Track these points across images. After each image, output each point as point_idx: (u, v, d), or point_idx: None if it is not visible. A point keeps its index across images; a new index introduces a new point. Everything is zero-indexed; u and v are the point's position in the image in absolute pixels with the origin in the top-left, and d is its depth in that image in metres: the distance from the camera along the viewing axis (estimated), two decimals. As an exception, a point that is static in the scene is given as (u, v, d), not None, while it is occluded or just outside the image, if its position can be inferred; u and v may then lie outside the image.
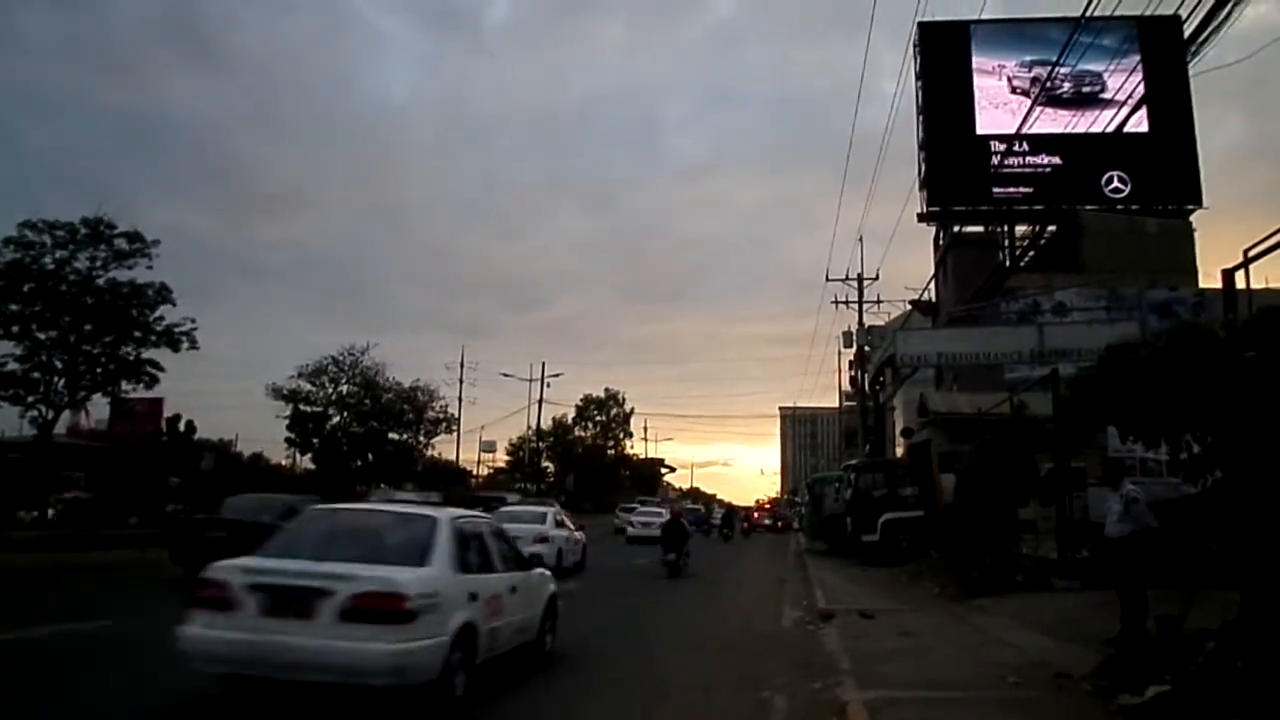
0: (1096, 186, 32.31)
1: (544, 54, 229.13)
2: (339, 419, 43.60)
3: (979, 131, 33.51)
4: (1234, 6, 9.36)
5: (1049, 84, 30.25)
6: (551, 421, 70.02)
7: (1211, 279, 18.01)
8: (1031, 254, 34.77)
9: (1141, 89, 29.50)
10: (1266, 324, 6.54)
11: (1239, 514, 7.18)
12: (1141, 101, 28.94)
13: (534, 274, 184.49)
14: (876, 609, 12.79)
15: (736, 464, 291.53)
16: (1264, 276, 10.65)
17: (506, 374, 59.63)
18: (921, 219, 34.67)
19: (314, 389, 43.13)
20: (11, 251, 25.34)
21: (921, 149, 34.28)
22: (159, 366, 28.13)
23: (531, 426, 64.24)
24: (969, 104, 33.63)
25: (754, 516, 68.50)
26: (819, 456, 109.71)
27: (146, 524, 23.19)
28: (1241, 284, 8.90)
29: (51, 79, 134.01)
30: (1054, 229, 34.00)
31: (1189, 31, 10.21)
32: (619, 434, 77.85)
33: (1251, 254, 8.47)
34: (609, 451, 75.87)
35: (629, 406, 77.31)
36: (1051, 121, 30.83)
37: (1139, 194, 32.54)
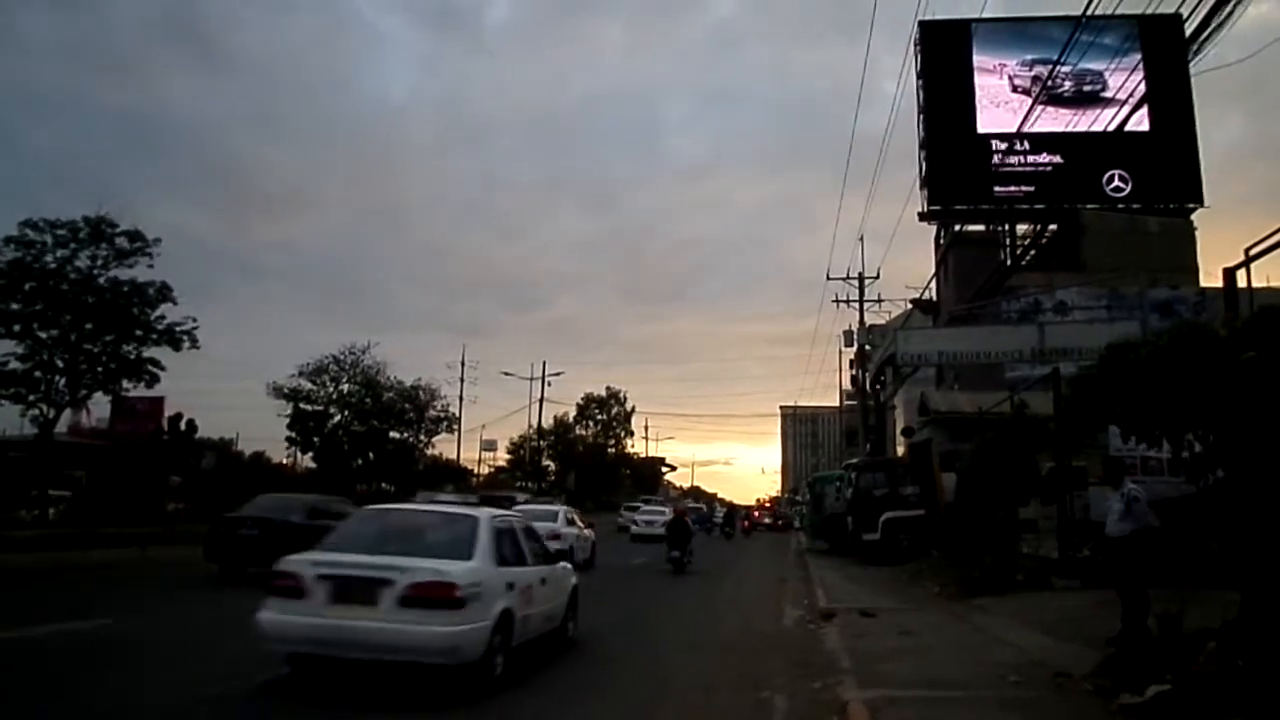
0: (1097, 185, 32.31)
1: (544, 54, 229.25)
2: (340, 418, 43.52)
3: (980, 130, 33.53)
4: (1235, 6, 9.35)
5: (1050, 83, 30.24)
6: (553, 420, 70.13)
7: (1212, 278, 17.96)
8: (1032, 253, 34.78)
9: (1142, 88, 29.50)
10: (1267, 323, 6.54)
11: (1240, 513, 7.17)
12: (1142, 100, 28.95)
13: (534, 274, 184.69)
14: (877, 608, 12.81)
15: (737, 463, 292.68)
16: (1265, 275, 10.59)
17: (507, 373, 59.86)
18: (922, 218, 34.69)
19: (315, 388, 43.10)
20: (13, 250, 25.29)
21: (922, 148, 34.27)
22: (160, 365, 28.12)
23: (532, 425, 64.40)
24: (970, 103, 33.64)
25: (754, 515, 68.76)
26: (820, 456, 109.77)
27: (147, 522, 23.16)
28: (1243, 283, 8.89)
29: (51, 79, 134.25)
30: (1055, 228, 34.03)
31: (1190, 31, 10.18)
32: (620, 433, 77.82)
33: (1253, 253, 8.46)
34: (610, 450, 75.77)
35: (630, 405, 77.36)
36: (1052, 120, 30.84)
37: (1140, 193, 32.54)
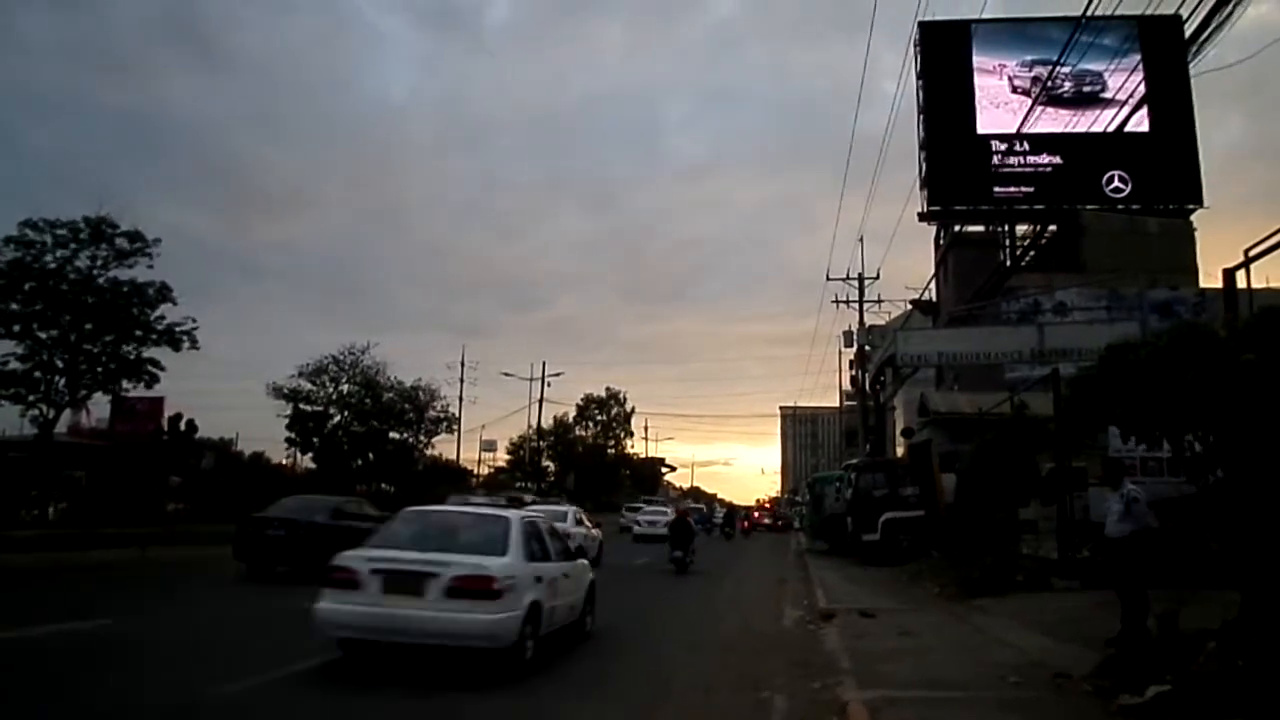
0: (1097, 186, 32.31)
1: (544, 54, 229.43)
2: (339, 418, 43.45)
3: (980, 131, 33.54)
4: (1234, 7, 9.35)
5: (1050, 83, 30.26)
6: (553, 420, 70.08)
7: (1212, 279, 18.00)
8: (1032, 254, 34.79)
9: (1142, 88, 29.52)
10: (1267, 324, 6.55)
11: (1240, 514, 7.18)
12: (1142, 101, 28.95)
13: (534, 274, 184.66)
14: (877, 608, 12.81)
15: (737, 463, 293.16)
16: (1265, 276, 10.65)
17: (507, 373, 59.75)
18: (922, 218, 34.69)
19: (314, 388, 42.96)
20: (12, 250, 25.29)
21: (922, 148, 34.28)
22: (160, 365, 28.14)
23: (532, 426, 64.32)
24: (970, 103, 33.65)
25: (754, 516, 68.79)
26: (819, 456, 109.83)
27: (147, 522, 23.17)
28: (1242, 284, 8.91)
29: (51, 79, 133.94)
30: (1054, 229, 34.03)
31: (1189, 31, 10.19)
32: (620, 433, 77.63)
33: (1252, 254, 8.47)
34: (609, 451, 75.68)
35: (630, 406, 77.27)
36: (1052, 121, 30.87)
37: (1139, 194, 32.54)
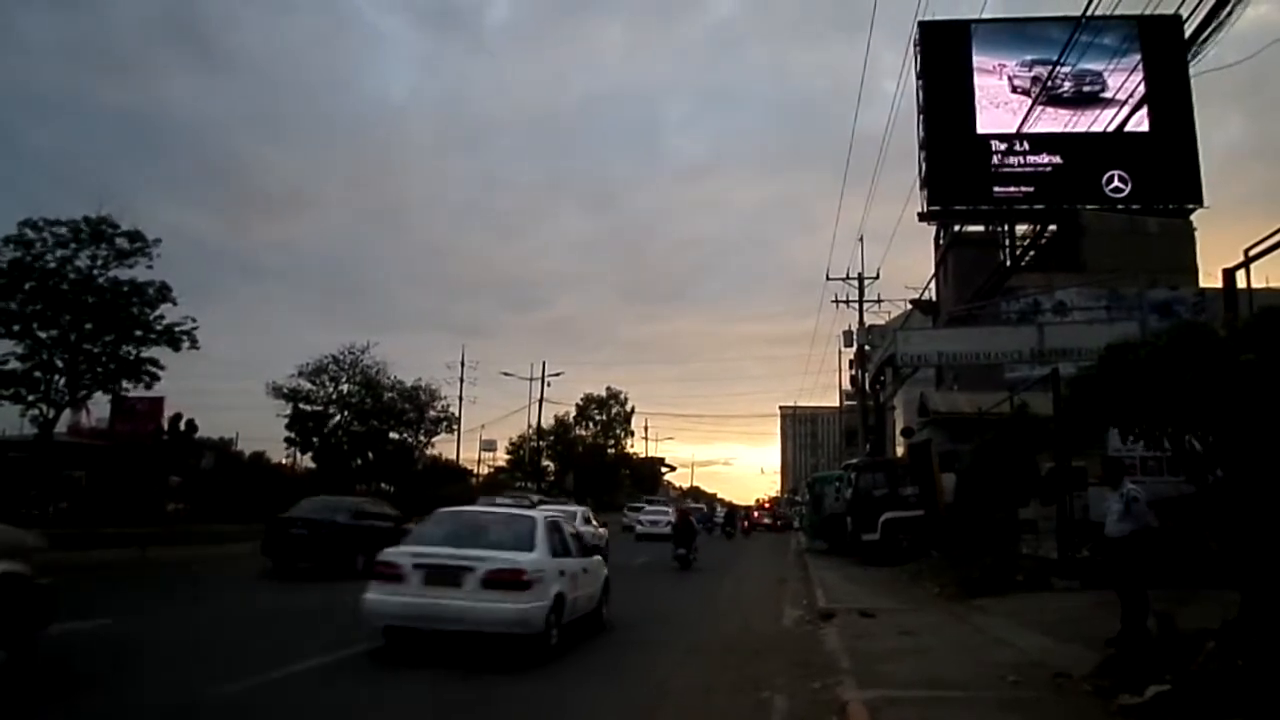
0: (1097, 186, 32.31)
1: (544, 54, 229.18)
2: (339, 418, 43.45)
3: (979, 131, 33.52)
4: (1234, 7, 9.36)
5: (1049, 83, 30.27)
6: (553, 420, 70.06)
7: (1212, 278, 18.01)
8: (1032, 253, 34.77)
9: (1142, 88, 29.53)
10: (1267, 324, 6.55)
11: (1239, 513, 7.18)
12: (1142, 101, 28.97)
13: (534, 274, 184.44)
14: (877, 608, 12.81)
15: (737, 463, 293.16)
16: (1265, 276, 10.65)
17: (507, 373, 59.78)
18: (922, 218, 34.67)
19: (314, 388, 42.95)
20: (12, 250, 25.27)
21: (922, 148, 34.25)
22: (160, 365, 28.09)
23: (532, 425, 64.32)
24: (969, 103, 33.63)
25: (754, 516, 68.78)
26: (819, 456, 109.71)
27: (147, 522, 23.17)
28: (1242, 283, 8.92)
29: (51, 79, 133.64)
30: (1054, 228, 34.01)
31: (1189, 31, 10.20)
32: (620, 433, 77.61)
33: (1252, 253, 8.48)
34: (609, 451, 75.68)
35: (630, 406, 77.25)
36: (1052, 121, 30.87)
37: (1139, 193, 32.53)
